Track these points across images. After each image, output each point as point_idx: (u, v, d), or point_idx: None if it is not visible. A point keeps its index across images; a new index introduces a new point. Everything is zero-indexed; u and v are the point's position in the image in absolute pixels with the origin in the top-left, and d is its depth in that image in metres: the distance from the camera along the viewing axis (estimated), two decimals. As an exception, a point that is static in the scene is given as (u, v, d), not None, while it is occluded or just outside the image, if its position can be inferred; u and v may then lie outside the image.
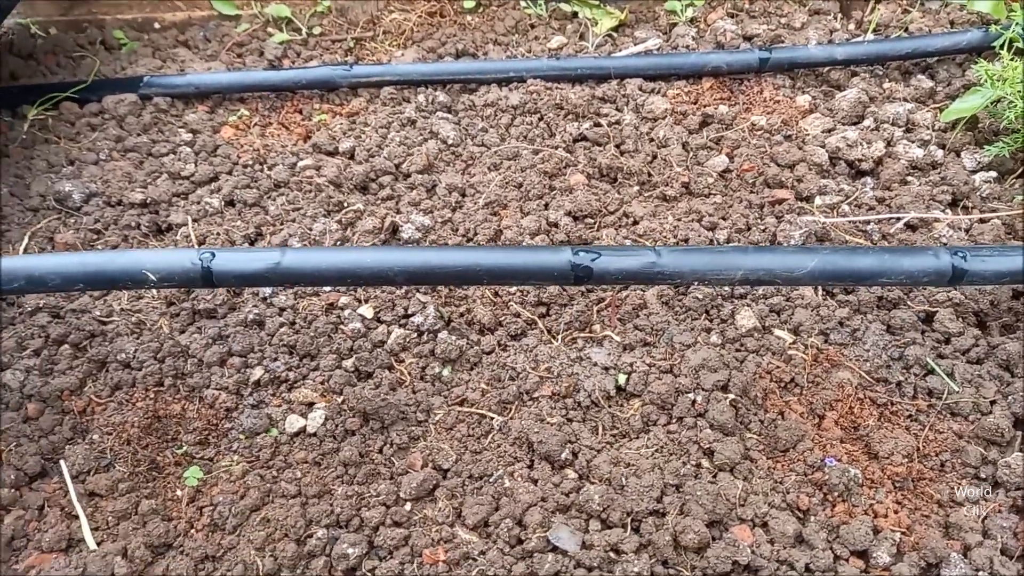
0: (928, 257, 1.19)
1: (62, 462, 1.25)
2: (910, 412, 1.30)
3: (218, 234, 1.62)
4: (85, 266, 1.17)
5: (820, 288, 1.48)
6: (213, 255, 1.17)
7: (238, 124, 1.95)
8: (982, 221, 1.56)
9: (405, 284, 1.20)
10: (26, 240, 1.64)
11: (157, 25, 2.28)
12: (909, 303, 1.45)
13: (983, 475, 1.22)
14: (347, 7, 2.22)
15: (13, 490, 1.22)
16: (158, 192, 1.72)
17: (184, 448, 1.32)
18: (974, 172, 1.68)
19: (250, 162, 1.82)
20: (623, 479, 1.19)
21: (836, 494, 1.19)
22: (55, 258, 1.20)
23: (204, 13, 2.27)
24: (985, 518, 1.17)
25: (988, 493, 1.20)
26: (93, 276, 1.18)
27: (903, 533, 1.14)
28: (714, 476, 1.21)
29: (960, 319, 1.41)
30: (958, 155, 1.73)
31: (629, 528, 1.15)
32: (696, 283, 1.20)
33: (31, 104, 1.94)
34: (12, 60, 2.11)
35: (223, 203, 1.71)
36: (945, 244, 1.53)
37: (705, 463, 1.23)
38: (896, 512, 1.17)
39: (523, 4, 2.24)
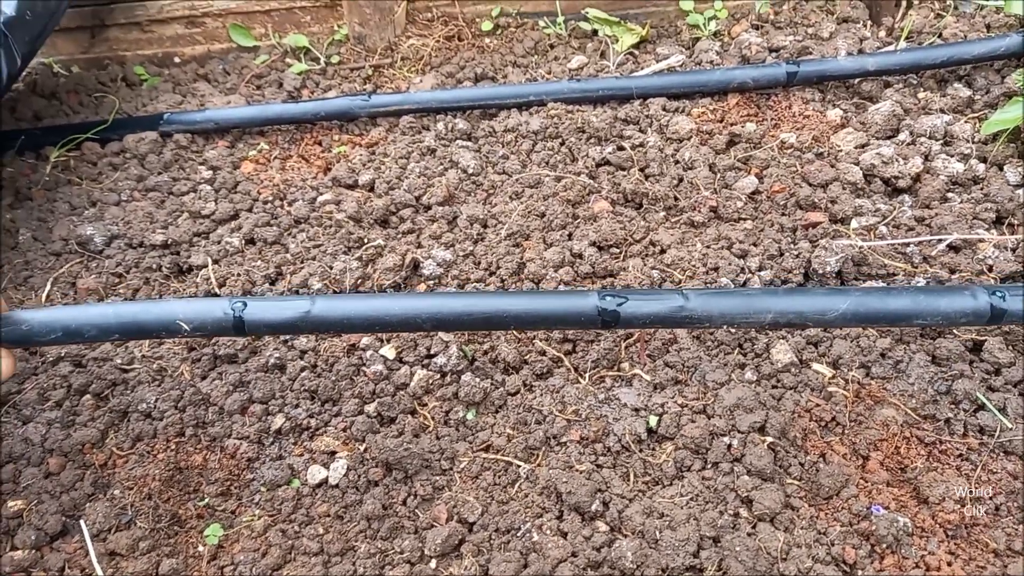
0: (965, 297, 1.14)
1: (82, 522, 1.24)
2: (960, 451, 1.23)
3: (238, 275, 1.60)
4: (120, 316, 1.18)
5: (859, 317, 1.42)
6: (245, 304, 1.17)
7: (258, 159, 1.94)
8: (1030, 240, 1.48)
9: (432, 330, 1.19)
10: (49, 286, 1.64)
11: (177, 59, 2.28)
12: (955, 331, 1.37)
13: (1042, 520, 1.15)
14: (365, 35, 2.20)
15: (34, 551, 1.20)
16: (179, 232, 1.71)
17: (206, 500, 1.29)
18: (1019, 187, 1.59)
19: (270, 198, 1.80)
20: (657, 532, 1.13)
21: (884, 545, 1.12)
22: (91, 309, 1.20)
23: (223, 46, 2.27)
24: (1047, 568, 1.10)
25: (1049, 540, 1.12)
26: (128, 326, 1.18)
27: (958, 588, 1.07)
28: (753, 527, 1.15)
29: (1010, 348, 1.33)
30: (1001, 169, 1.65)
31: (664, 586, 1.10)
32: (725, 327, 1.15)
33: (53, 145, 1.95)
34: (36, 100, 2.13)
35: (243, 242, 1.69)
36: (985, 276, 1.45)
37: (743, 512, 1.17)
38: (950, 564, 1.10)
39: (542, 24, 2.20)
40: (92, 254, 1.71)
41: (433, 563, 1.16)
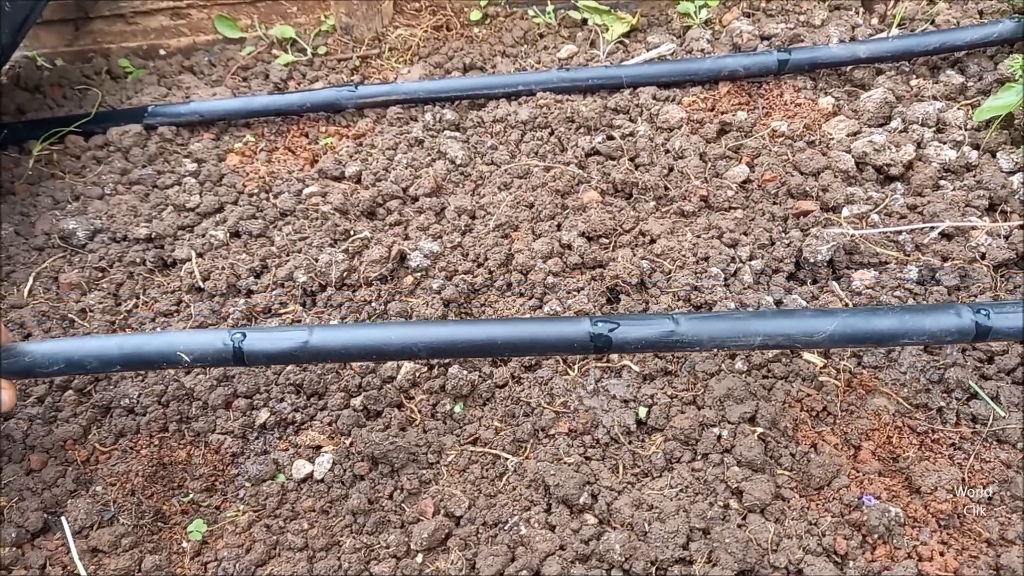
0: (950, 316, 1.14)
1: (64, 519, 1.22)
2: (953, 440, 1.22)
3: (223, 268, 1.57)
4: (122, 348, 1.19)
5: (851, 305, 1.40)
6: (244, 335, 1.18)
7: (243, 151, 1.91)
8: (1023, 227, 1.46)
9: (428, 358, 1.23)
10: (31, 280, 1.62)
11: (162, 52, 2.25)
12: (947, 320, 1.36)
13: (1035, 508, 1.13)
14: (352, 25, 2.17)
15: (15, 548, 1.19)
16: (163, 226, 1.68)
17: (190, 496, 1.28)
18: (1012, 174, 1.58)
19: (256, 190, 1.78)
20: (646, 524, 1.12)
21: (876, 536, 1.11)
22: (93, 341, 1.21)
23: (208, 37, 2.24)
24: (1040, 557, 1.08)
25: (1042, 529, 1.11)
26: (129, 358, 1.19)
27: (950, 578, 1.06)
28: (744, 518, 1.14)
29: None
30: (994, 156, 1.63)
31: (653, 578, 1.08)
32: (715, 350, 1.18)
33: (36, 139, 1.92)
34: (19, 94, 2.10)
35: (228, 235, 1.67)
36: (977, 263, 1.44)
37: (734, 504, 1.15)
38: (942, 555, 1.08)
39: (531, 13, 2.18)
40: (75, 248, 1.68)
41: (419, 557, 1.14)
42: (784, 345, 1.17)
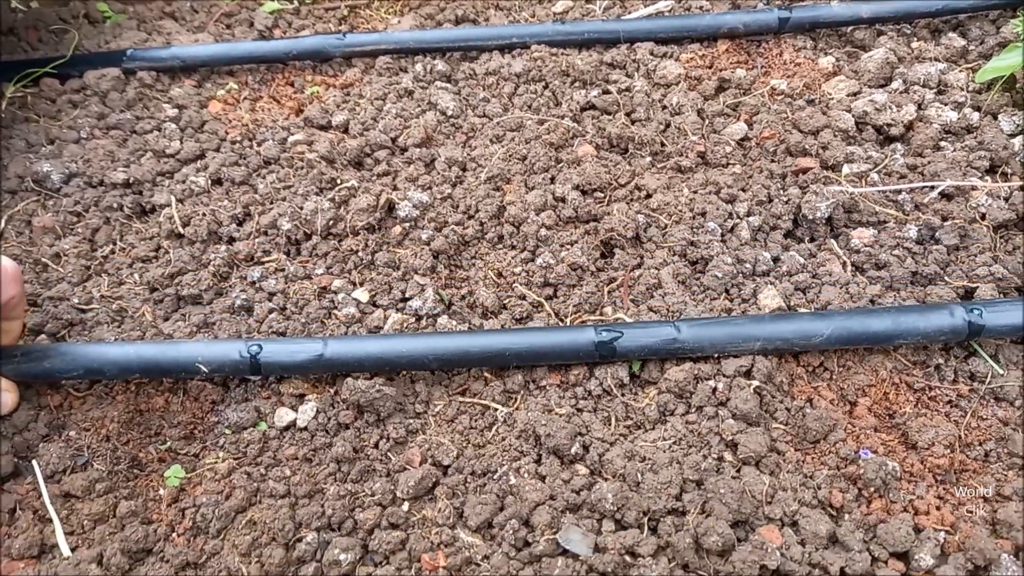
0: (943, 316, 1.19)
1: (35, 462, 1.17)
2: (950, 398, 1.20)
3: (203, 215, 1.52)
4: (141, 356, 1.21)
5: (849, 263, 1.38)
6: (260, 347, 1.21)
7: (226, 98, 1.84)
8: (1023, 189, 1.44)
9: (439, 369, 1.27)
10: (2, 223, 1.55)
11: (142, -4, 2.17)
12: (947, 278, 1.34)
13: (1032, 466, 1.12)
14: (340, -27, 2.10)
15: (-17, 492, 1.14)
16: (142, 171, 1.62)
17: (168, 443, 1.23)
18: (1013, 136, 1.55)
19: (239, 138, 1.71)
20: (639, 475, 1.09)
21: (872, 489, 1.09)
22: (113, 348, 1.23)
23: (191, -18, 2.16)
24: (1036, 513, 1.07)
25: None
26: (148, 366, 1.22)
27: (947, 532, 1.04)
28: (738, 471, 1.11)
29: (1002, 295, 1.30)
30: (995, 118, 1.60)
31: (646, 529, 1.05)
32: (716, 355, 1.22)
33: (9, 81, 1.84)
34: (-9, 36, 2.01)
35: (209, 182, 1.61)
36: (977, 223, 1.41)
37: (728, 456, 1.13)
38: (939, 508, 1.07)
39: (526, -34, 2.11)
40: (49, 192, 1.62)
41: (406, 505, 1.11)
42: (783, 349, 1.22)
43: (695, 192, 1.50)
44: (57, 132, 1.75)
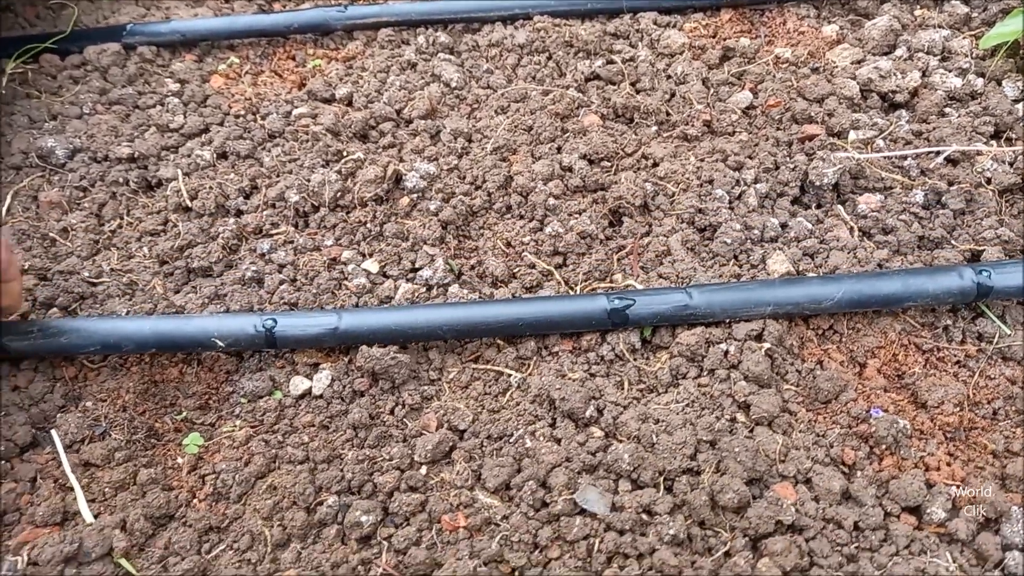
0: (952, 277, 1.20)
1: (54, 432, 1.18)
2: (958, 358, 1.21)
3: (210, 188, 1.52)
4: (157, 331, 1.23)
5: (857, 229, 1.39)
6: (275, 321, 1.22)
7: (228, 73, 1.83)
8: (1028, 153, 1.45)
9: (453, 339, 1.27)
10: (8, 199, 1.55)
11: (139, -29, 2.15)
12: (953, 242, 1.35)
13: (1039, 423, 1.14)
14: (339, -55, 2.07)
15: (4, 462, 1.15)
16: (146, 146, 1.61)
17: (183, 414, 1.24)
18: (1017, 101, 1.56)
19: (242, 112, 1.71)
20: (653, 436, 1.11)
21: (884, 447, 1.10)
22: (129, 323, 1.25)
23: (188, -43, 2.14)
24: (1043, 468, 1.09)
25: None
26: (164, 341, 1.23)
27: (958, 487, 1.06)
28: (751, 431, 1.13)
29: (1008, 257, 1.31)
30: (999, 84, 1.61)
31: (662, 488, 1.07)
32: (728, 320, 1.24)
33: (9, 57, 1.82)
34: (-12, 12, 1.99)
35: (215, 156, 1.61)
36: (983, 188, 1.43)
37: (741, 417, 1.14)
38: (949, 464, 1.09)
39: (527, -63, 2.10)
40: (54, 168, 1.61)
41: (424, 469, 1.12)
42: (794, 313, 1.23)
43: (702, 160, 1.51)
44: (59, 108, 1.74)
